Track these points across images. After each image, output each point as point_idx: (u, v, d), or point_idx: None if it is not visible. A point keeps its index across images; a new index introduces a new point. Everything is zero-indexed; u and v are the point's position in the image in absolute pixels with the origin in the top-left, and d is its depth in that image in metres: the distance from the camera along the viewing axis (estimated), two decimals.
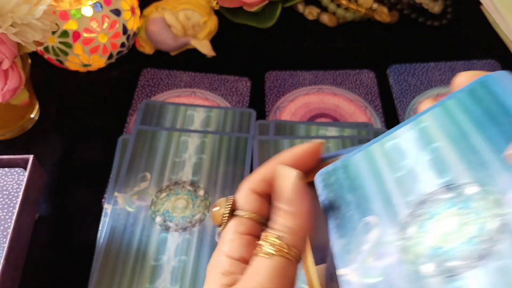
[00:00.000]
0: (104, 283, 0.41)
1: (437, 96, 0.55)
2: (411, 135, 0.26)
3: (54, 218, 0.46)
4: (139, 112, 0.52)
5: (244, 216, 0.27)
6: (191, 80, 0.56)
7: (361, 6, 0.62)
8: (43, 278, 0.42)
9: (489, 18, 0.62)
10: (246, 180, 0.27)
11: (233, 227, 0.27)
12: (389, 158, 0.26)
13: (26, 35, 0.42)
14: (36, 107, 0.53)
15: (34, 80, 0.52)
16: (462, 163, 0.24)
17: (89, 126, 0.53)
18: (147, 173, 0.47)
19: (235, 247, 0.26)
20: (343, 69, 0.57)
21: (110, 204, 0.45)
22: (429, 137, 0.25)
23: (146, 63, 0.58)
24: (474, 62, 0.58)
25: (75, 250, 0.44)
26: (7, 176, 0.44)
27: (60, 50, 0.52)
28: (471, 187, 0.23)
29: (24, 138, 0.51)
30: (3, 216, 0.41)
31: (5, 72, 0.42)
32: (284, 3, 0.62)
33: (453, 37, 0.62)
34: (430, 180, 0.24)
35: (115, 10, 0.52)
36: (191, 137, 0.50)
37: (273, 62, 0.59)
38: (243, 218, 0.27)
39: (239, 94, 0.55)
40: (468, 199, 0.23)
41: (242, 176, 0.47)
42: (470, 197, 0.23)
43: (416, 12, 0.63)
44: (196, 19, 0.58)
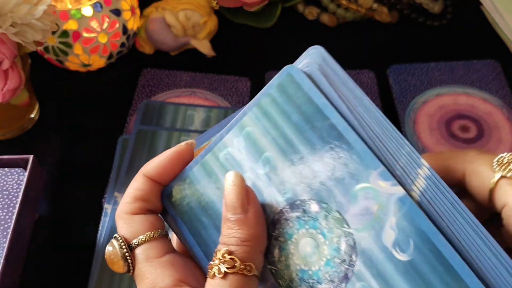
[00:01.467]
0: (104, 283, 0.41)
1: (437, 96, 0.55)
2: (240, 143, 0.25)
3: (54, 218, 0.46)
4: (139, 112, 0.52)
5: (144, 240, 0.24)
6: (191, 80, 0.56)
7: (361, 6, 0.62)
8: (43, 278, 0.42)
9: (489, 18, 0.62)
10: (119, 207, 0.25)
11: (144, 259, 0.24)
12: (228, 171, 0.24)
13: (26, 35, 0.42)
14: (36, 107, 0.53)
15: (34, 80, 0.52)
16: (296, 177, 0.23)
17: (89, 126, 0.53)
18: None
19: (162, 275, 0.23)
20: (343, 69, 0.57)
21: (110, 204, 0.45)
22: (257, 146, 0.24)
23: (146, 63, 0.58)
24: (474, 62, 0.58)
25: (75, 250, 0.44)
26: (7, 176, 0.44)
27: (60, 50, 0.52)
28: (312, 203, 0.23)
29: (24, 138, 0.51)
30: (3, 216, 0.41)
31: (5, 72, 0.42)
32: (284, 3, 0.62)
33: (453, 37, 0.62)
34: (274, 197, 0.24)
35: (115, 10, 0.52)
36: (191, 137, 0.50)
37: (273, 62, 0.59)
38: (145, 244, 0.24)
39: (239, 94, 0.55)
40: (313, 218, 0.23)
41: None
42: (315, 215, 0.23)
43: (416, 12, 0.63)
44: (196, 19, 0.58)
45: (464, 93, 0.55)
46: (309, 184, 0.23)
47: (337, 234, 0.22)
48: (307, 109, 0.23)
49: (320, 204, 0.23)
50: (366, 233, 0.22)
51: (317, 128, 0.23)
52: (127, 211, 0.25)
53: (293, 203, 0.23)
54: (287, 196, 0.24)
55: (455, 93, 0.55)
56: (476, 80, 0.56)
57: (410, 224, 0.21)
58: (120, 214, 0.25)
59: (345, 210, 0.22)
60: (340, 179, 0.22)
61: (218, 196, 0.25)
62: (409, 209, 0.21)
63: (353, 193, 0.22)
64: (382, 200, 0.21)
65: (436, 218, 0.21)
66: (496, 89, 0.55)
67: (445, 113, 0.53)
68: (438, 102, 0.54)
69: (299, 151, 0.23)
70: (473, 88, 0.55)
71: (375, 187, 0.22)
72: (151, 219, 0.25)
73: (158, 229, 0.25)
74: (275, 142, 0.24)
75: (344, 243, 0.22)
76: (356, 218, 0.22)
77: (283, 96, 0.24)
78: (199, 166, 0.26)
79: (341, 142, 0.22)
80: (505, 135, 0.51)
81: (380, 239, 0.21)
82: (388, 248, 0.21)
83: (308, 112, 0.23)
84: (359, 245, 0.22)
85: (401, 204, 0.21)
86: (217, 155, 0.25)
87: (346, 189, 0.22)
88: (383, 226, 0.21)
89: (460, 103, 0.54)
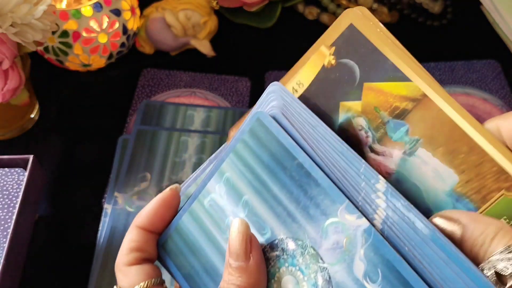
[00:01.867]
0: (104, 283, 0.41)
1: None
2: (221, 189, 0.26)
3: (54, 218, 0.46)
4: (139, 112, 0.52)
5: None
6: (191, 80, 0.56)
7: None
8: (43, 278, 0.42)
9: (489, 18, 0.62)
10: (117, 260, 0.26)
11: None
12: (213, 217, 0.26)
13: (26, 35, 0.42)
14: (36, 107, 0.53)
15: (34, 80, 0.52)
16: (272, 217, 0.25)
17: (89, 126, 0.53)
18: (147, 173, 0.47)
19: None
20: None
21: (110, 204, 0.45)
22: (237, 190, 0.26)
23: (146, 63, 0.58)
24: (474, 62, 0.58)
25: (75, 250, 0.44)
26: (7, 176, 0.44)
27: (60, 50, 0.52)
28: (289, 241, 0.24)
29: (24, 138, 0.51)
30: (3, 216, 0.41)
31: (5, 72, 0.42)
32: (284, 3, 0.62)
33: (453, 37, 0.62)
34: None
35: (115, 10, 0.52)
36: (191, 137, 0.50)
37: (273, 62, 0.59)
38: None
39: (239, 94, 0.55)
40: (291, 256, 0.24)
41: None
42: (292, 253, 0.24)
43: (416, 12, 0.63)
44: (196, 19, 0.58)
45: (464, 93, 0.55)
46: (285, 223, 0.24)
47: (314, 270, 0.23)
48: (277, 151, 0.25)
49: (295, 241, 0.24)
50: (338, 266, 0.23)
51: (287, 168, 0.24)
52: (124, 262, 0.26)
53: (273, 242, 0.25)
54: (267, 236, 0.25)
55: (455, 93, 0.55)
56: (476, 80, 0.56)
57: (377, 254, 0.22)
58: (118, 266, 0.26)
59: (319, 245, 0.23)
60: (312, 216, 0.24)
61: (207, 242, 0.26)
62: (374, 239, 0.22)
63: (324, 228, 0.23)
64: (350, 233, 0.22)
65: (398, 244, 0.22)
66: (496, 89, 0.55)
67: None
68: None
69: (272, 191, 0.25)
70: (473, 88, 0.55)
71: (342, 221, 0.23)
72: (146, 269, 0.26)
73: (153, 277, 0.26)
74: (251, 184, 0.25)
75: (321, 277, 0.23)
76: (328, 253, 0.23)
77: (254, 140, 0.25)
78: (187, 214, 0.27)
79: (309, 180, 0.24)
80: None
81: (352, 271, 0.22)
82: (359, 280, 0.22)
83: (278, 154, 0.25)
84: (334, 279, 0.23)
85: (367, 236, 0.22)
86: (202, 202, 0.27)
87: (317, 225, 0.23)
88: (353, 259, 0.22)
89: (460, 103, 0.54)
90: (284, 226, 0.24)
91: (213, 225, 0.26)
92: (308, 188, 0.24)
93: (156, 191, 0.46)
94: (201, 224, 0.27)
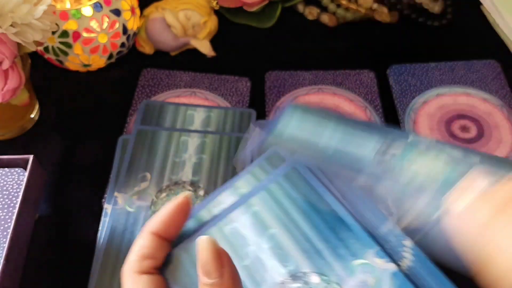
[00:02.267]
0: (104, 283, 0.41)
1: (437, 96, 0.55)
2: (246, 219, 0.28)
3: (54, 218, 0.46)
4: (139, 112, 0.52)
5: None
6: (191, 80, 0.56)
7: (361, 6, 0.62)
8: (43, 278, 0.42)
9: (489, 18, 0.62)
10: (127, 265, 0.25)
11: None
12: (232, 244, 0.27)
13: (26, 35, 0.42)
14: (36, 107, 0.53)
15: (34, 80, 0.52)
16: (299, 251, 0.27)
17: (89, 126, 0.53)
18: (147, 173, 0.47)
19: None
20: (343, 69, 0.57)
21: (110, 204, 0.45)
22: (264, 223, 0.28)
23: (146, 63, 0.58)
24: (474, 62, 0.58)
25: (75, 250, 0.44)
26: (7, 176, 0.44)
27: (60, 50, 0.52)
28: (312, 276, 0.26)
29: (24, 138, 0.51)
30: (3, 216, 0.41)
31: (5, 72, 0.42)
32: (284, 3, 0.62)
33: (453, 37, 0.62)
34: (276, 268, 0.26)
35: (115, 10, 0.52)
36: (191, 137, 0.50)
37: (273, 62, 0.59)
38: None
39: (239, 94, 0.55)
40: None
41: None
42: (315, 286, 0.26)
43: (416, 12, 0.63)
44: (196, 19, 0.58)
45: (464, 93, 0.55)
46: (311, 258, 0.27)
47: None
48: (311, 197, 0.28)
49: (320, 276, 0.26)
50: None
51: (321, 212, 0.27)
52: (135, 269, 0.25)
53: (295, 274, 0.26)
54: (290, 268, 0.26)
55: (455, 93, 0.55)
56: (476, 80, 0.56)
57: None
58: (128, 272, 0.25)
59: (344, 283, 0.25)
60: (340, 255, 0.26)
61: None
62: (401, 283, 0.24)
63: (351, 267, 0.26)
64: (378, 274, 0.25)
65: None
66: (496, 89, 0.55)
67: (445, 113, 0.53)
68: (438, 102, 0.54)
69: (302, 229, 0.27)
70: (473, 88, 0.55)
71: (371, 263, 0.25)
72: (157, 281, 0.25)
73: None
74: (281, 221, 0.28)
75: None
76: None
77: (289, 183, 0.29)
78: None
79: (341, 225, 0.27)
80: (505, 135, 0.51)
81: None
82: None
83: (312, 199, 0.28)
84: None
85: (394, 279, 0.25)
86: (222, 229, 0.28)
87: (345, 264, 0.26)
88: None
89: (460, 103, 0.54)
90: (310, 261, 0.26)
91: (230, 250, 0.27)
92: (339, 231, 0.27)
93: (156, 191, 0.46)
94: None
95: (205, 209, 0.29)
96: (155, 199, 0.45)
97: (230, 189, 0.29)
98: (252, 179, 0.29)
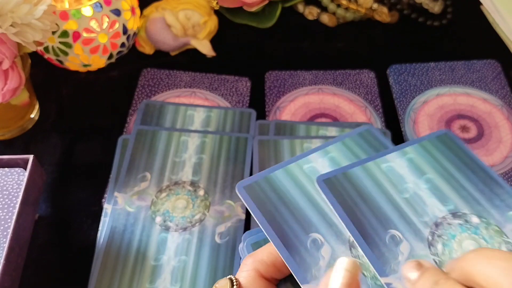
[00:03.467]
0: (104, 283, 0.41)
1: (437, 96, 0.55)
2: (402, 163, 0.32)
3: (54, 218, 0.46)
4: (139, 112, 0.52)
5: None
6: (191, 80, 0.56)
7: (361, 6, 0.62)
8: (43, 278, 0.42)
9: (489, 18, 0.62)
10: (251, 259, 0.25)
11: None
12: (390, 178, 0.31)
13: (26, 35, 0.42)
14: (36, 107, 0.53)
15: (34, 80, 0.52)
16: (457, 196, 0.31)
17: (89, 126, 0.53)
18: (147, 173, 0.47)
19: None
20: (343, 69, 0.57)
21: (110, 204, 0.45)
22: (420, 169, 0.32)
23: (146, 63, 0.58)
24: (474, 62, 0.58)
25: (75, 250, 0.44)
26: (7, 176, 0.44)
27: (60, 50, 0.52)
28: (473, 217, 0.29)
29: (24, 138, 0.51)
30: (3, 216, 0.41)
31: (5, 72, 0.42)
32: (284, 3, 0.62)
33: (453, 37, 0.62)
34: (436, 206, 0.30)
35: (115, 10, 0.52)
36: (191, 137, 0.50)
37: (273, 62, 0.59)
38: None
39: (239, 94, 0.55)
40: (475, 227, 0.29)
41: (242, 176, 0.47)
42: (476, 225, 0.29)
43: (416, 12, 0.63)
44: (196, 19, 0.58)
45: (464, 93, 0.55)
46: (469, 203, 0.30)
47: (498, 241, 0.28)
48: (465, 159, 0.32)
49: (480, 218, 0.29)
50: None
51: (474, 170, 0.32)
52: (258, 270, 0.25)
53: (455, 213, 0.30)
54: (449, 207, 0.30)
55: (455, 93, 0.55)
56: (476, 80, 0.56)
57: None
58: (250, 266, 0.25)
59: (503, 226, 0.29)
60: (497, 205, 0.30)
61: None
62: None
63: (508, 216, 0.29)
64: None
65: None
66: (496, 89, 0.55)
67: (445, 113, 0.53)
68: (438, 102, 0.54)
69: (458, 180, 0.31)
70: (473, 88, 0.55)
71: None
72: None
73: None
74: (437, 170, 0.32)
75: (505, 248, 0.28)
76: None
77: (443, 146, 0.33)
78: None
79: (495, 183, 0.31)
80: (505, 135, 0.51)
81: None
82: None
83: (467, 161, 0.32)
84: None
85: None
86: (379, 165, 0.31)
87: (502, 213, 0.29)
88: None
89: (460, 103, 0.54)
90: (469, 205, 0.30)
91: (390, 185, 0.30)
92: (493, 187, 0.31)
93: (156, 191, 0.46)
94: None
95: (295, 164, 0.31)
96: (155, 199, 0.45)
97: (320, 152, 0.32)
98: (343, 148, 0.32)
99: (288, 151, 0.48)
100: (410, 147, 0.33)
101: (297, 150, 0.48)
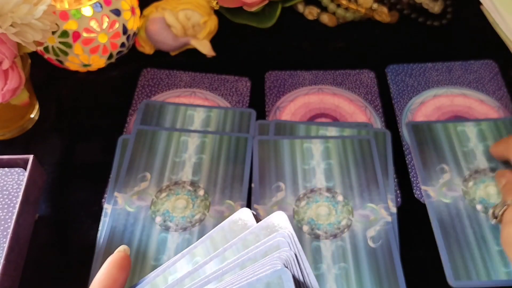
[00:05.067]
0: None
1: (434, 97, 0.55)
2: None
3: (54, 218, 0.46)
4: (139, 112, 0.52)
5: None
6: (191, 80, 0.56)
7: (361, 6, 0.62)
8: (43, 278, 0.42)
9: (489, 18, 0.62)
10: None
11: None
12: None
13: (26, 35, 0.42)
14: (36, 107, 0.53)
15: (34, 80, 0.52)
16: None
17: (89, 126, 0.53)
18: (147, 173, 0.47)
19: None
20: (343, 69, 0.57)
21: (110, 204, 0.45)
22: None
23: (146, 63, 0.58)
24: (471, 63, 0.58)
25: (75, 250, 0.44)
26: (7, 176, 0.44)
27: (60, 50, 0.52)
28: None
29: (24, 138, 0.51)
30: (3, 216, 0.42)
31: (5, 72, 0.42)
32: (284, 3, 0.62)
33: (453, 37, 0.62)
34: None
35: (115, 10, 0.52)
36: (191, 137, 0.50)
37: (273, 62, 0.59)
38: None
39: (239, 94, 0.55)
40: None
41: (242, 176, 0.47)
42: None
43: (416, 12, 0.63)
44: (196, 19, 0.58)
45: (461, 94, 0.55)
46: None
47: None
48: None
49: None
50: None
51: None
52: None
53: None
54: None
55: (452, 94, 0.55)
56: (473, 81, 0.56)
57: None
58: None
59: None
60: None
61: None
62: None
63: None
64: None
65: None
66: (493, 90, 0.55)
67: (442, 114, 0.53)
68: (435, 103, 0.54)
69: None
70: (470, 89, 0.55)
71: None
72: None
73: None
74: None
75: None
76: None
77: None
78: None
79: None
80: None
81: None
82: None
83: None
84: None
85: None
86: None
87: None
88: None
89: (457, 104, 0.54)
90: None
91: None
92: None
93: (156, 191, 0.46)
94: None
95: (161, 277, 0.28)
96: (155, 199, 0.45)
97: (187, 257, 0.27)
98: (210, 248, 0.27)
99: (288, 151, 0.48)
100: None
101: (297, 150, 0.48)
